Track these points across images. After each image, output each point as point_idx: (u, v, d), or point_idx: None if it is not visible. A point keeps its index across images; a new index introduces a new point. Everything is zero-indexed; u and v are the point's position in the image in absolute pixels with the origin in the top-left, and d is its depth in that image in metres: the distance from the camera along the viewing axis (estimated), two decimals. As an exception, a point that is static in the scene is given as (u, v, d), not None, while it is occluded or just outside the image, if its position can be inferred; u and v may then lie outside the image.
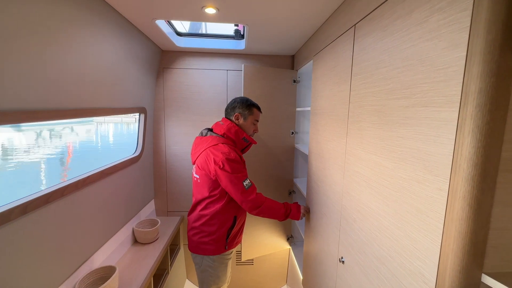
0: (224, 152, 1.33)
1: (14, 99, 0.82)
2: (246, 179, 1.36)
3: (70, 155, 13.69)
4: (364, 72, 0.91)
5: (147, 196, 2.07)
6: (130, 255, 1.65)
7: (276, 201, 1.46)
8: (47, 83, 0.94)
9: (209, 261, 1.47)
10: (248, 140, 1.50)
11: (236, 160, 1.35)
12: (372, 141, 0.85)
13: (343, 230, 1.08)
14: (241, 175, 1.35)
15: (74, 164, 11.76)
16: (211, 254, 1.45)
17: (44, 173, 10.51)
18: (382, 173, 0.78)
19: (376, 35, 0.83)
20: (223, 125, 1.46)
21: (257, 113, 1.54)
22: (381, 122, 0.80)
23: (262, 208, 1.38)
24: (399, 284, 0.70)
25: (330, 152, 1.25)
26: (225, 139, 1.43)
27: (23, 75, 0.83)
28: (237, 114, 1.48)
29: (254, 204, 1.36)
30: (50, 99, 0.97)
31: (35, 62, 0.87)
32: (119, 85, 1.46)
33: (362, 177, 0.91)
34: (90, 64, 1.18)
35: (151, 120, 2.07)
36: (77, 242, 1.21)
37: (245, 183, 1.35)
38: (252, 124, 1.53)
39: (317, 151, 1.46)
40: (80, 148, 15.17)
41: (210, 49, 2.01)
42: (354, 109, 0.99)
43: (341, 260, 1.08)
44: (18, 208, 0.87)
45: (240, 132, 1.46)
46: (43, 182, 9.42)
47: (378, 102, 0.81)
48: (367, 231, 0.87)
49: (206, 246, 1.44)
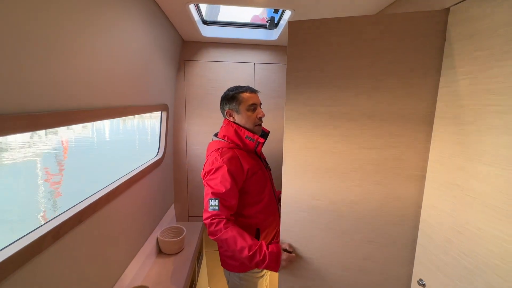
0: (211, 160, 1.16)
1: (40, 100, 0.64)
2: (214, 199, 1.09)
3: (66, 151, 13.35)
4: (470, 65, 0.75)
5: (168, 201, 1.91)
6: (157, 269, 1.49)
7: (244, 240, 1.05)
8: (76, 76, 0.76)
9: (235, 278, 1.29)
10: (253, 139, 1.22)
11: (217, 168, 1.12)
12: (488, 149, 0.69)
13: (423, 248, 0.93)
14: (210, 191, 1.10)
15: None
16: (236, 271, 1.27)
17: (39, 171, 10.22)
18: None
19: None
20: (223, 127, 1.28)
21: (248, 96, 1.24)
22: (510, 126, 0.64)
23: (217, 238, 1.07)
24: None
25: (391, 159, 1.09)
26: (226, 142, 1.24)
27: (50, 67, 0.66)
28: (227, 111, 1.27)
29: (209, 227, 1.09)
30: (81, 98, 0.79)
31: (62, 52, 0.69)
32: (143, 79, 1.28)
33: (464, 191, 0.76)
34: (119, 55, 1.00)
35: (171, 118, 1.89)
36: (109, 262, 1.05)
37: (211, 202, 1.09)
38: (249, 112, 1.23)
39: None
40: (76, 146, 14.81)
41: (237, 40, 1.82)
42: (446, 109, 0.83)
43: (420, 283, 0.94)
44: (50, 234, 0.70)
45: (240, 131, 1.23)
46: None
47: (503, 102, 0.66)
48: (475, 256, 0.73)
49: (231, 261, 1.26)
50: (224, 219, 1.08)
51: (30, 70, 0.59)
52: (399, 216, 1.02)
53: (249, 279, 1.29)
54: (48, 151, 13.02)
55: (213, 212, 1.09)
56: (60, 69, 0.68)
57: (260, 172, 1.26)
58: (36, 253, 0.65)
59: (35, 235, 0.66)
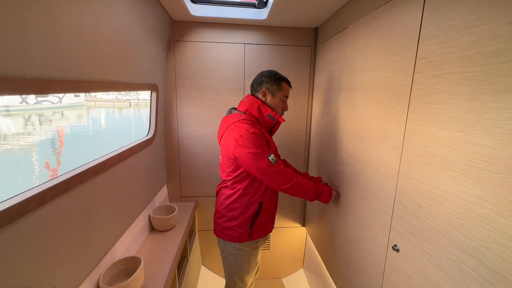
0: (244, 128, 1.21)
1: (20, 66, 0.65)
2: (270, 154, 1.22)
3: (62, 142, 13.27)
4: (444, 34, 0.77)
5: (160, 181, 1.94)
6: (149, 243, 1.54)
7: (306, 179, 1.33)
8: (58, 47, 0.77)
9: (230, 248, 1.37)
10: (274, 118, 1.33)
11: (257, 135, 1.22)
12: (457, 115, 0.72)
13: (398, 216, 0.98)
14: (264, 150, 1.21)
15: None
16: (233, 240, 1.35)
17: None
18: (476, 152, 0.66)
19: None
20: (246, 102, 1.33)
21: (287, 88, 1.38)
22: (474, 92, 0.67)
23: (293, 183, 1.24)
24: (501, 279, 0.60)
25: (376, 131, 1.12)
26: (247, 116, 1.30)
27: (31, 33, 0.66)
28: (264, 89, 1.33)
29: (283, 177, 1.23)
30: (63, 67, 0.80)
31: (43, 20, 0.70)
32: (131, 56, 1.28)
33: (436, 158, 0.80)
34: (104, 29, 1.00)
35: (161, 99, 1.89)
36: (99, 232, 1.09)
37: (270, 157, 1.21)
38: (281, 101, 1.37)
39: (354, 131, 1.33)
40: (72, 135, 14.70)
41: (226, 19, 1.80)
42: (422, 80, 0.85)
43: (394, 248, 0.99)
44: (36, 197, 0.73)
45: (263, 109, 1.31)
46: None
47: (470, 68, 0.68)
48: (442, 218, 0.77)
49: (229, 231, 1.35)
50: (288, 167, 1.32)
51: (9, 36, 0.60)
52: (381, 188, 1.09)
53: (244, 249, 1.37)
54: (45, 140, 12.93)
55: (278, 162, 1.23)
56: (41, 36, 0.69)
57: (274, 151, 1.36)
58: (20, 215, 0.68)
59: (20, 198, 0.69)
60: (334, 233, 1.59)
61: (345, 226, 1.44)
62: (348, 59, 1.41)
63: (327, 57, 1.74)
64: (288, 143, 2.13)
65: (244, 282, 1.42)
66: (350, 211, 1.37)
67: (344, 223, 1.45)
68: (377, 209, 1.12)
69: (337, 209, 1.54)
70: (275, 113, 1.33)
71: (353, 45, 1.35)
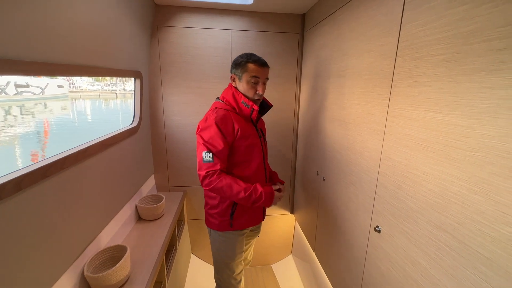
0: (211, 117, 1.18)
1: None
2: (207, 152, 1.15)
3: (47, 134, 12.82)
4: (424, 16, 0.77)
5: (147, 171, 1.92)
6: (136, 232, 1.53)
7: (238, 184, 1.16)
8: (28, 26, 0.73)
9: (215, 235, 1.38)
10: (248, 105, 1.23)
11: (209, 125, 1.16)
12: (435, 97, 0.74)
13: (380, 198, 1.01)
14: (208, 144, 1.15)
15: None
16: (214, 228, 1.36)
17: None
18: (451, 132, 0.68)
19: None
20: (224, 89, 1.33)
21: (254, 67, 1.20)
22: (452, 73, 0.68)
23: (212, 188, 1.15)
24: (472, 252, 0.63)
25: (361, 116, 1.14)
26: (224, 104, 1.27)
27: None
28: (232, 75, 1.28)
29: (203, 181, 1.16)
30: (34, 50, 0.76)
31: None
32: (111, 41, 1.23)
33: (415, 140, 0.81)
34: (80, 8, 0.95)
35: (146, 87, 1.84)
36: (81, 221, 1.07)
37: (205, 154, 1.15)
38: (250, 84, 1.22)
39: (340, 117, 1.34)
40: (57, 128, 14.21)
41: (212, 3, 1.75)
42: (403, 63, 0.86)
43: (376, 229, 1.02)
44: (10, 183, 0.70)
45: (237, 95, 1.25)
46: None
47: (448, 49, 0.69)
48: (420, 197, 0.80)
49: (211, 219, 1.35)
50: (218, 170, 1.16)
51: None
52: (364, 172, 1.12)
53: (228, 236, 1.36)
54: (30, 132, 12.45)
55: (207, 164, 1.16)
56: (8, 14, 0.65)
57: (252, 138, 1.28)
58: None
59: None
60: (321, 218, 1.63)
61: (331, 211, 1.47)
62: (335, 45, 1.40)
63: (315, 44, 1.73)
64: (277, 131, 2.13)
65: (231, 269, 1.42)
66: (336, 196, 1.40)
67: (329, 208, 1.49)
68: (361, 193, 1.15)
69: (323, 195, 1.57)
70: (248, 100, 1.24)
71: (340, 30, 1.34)
